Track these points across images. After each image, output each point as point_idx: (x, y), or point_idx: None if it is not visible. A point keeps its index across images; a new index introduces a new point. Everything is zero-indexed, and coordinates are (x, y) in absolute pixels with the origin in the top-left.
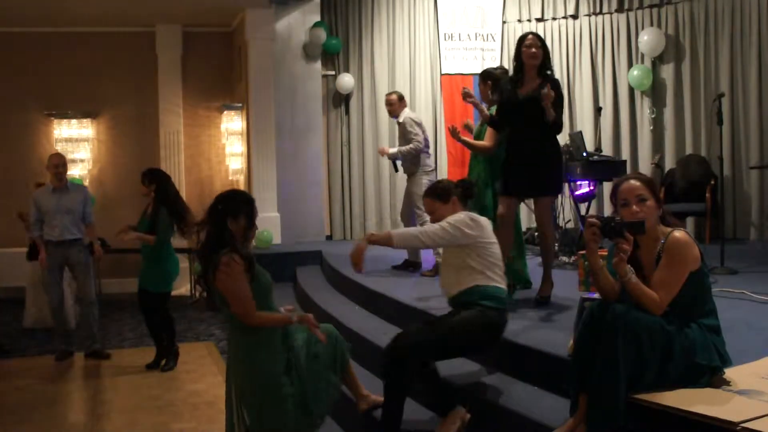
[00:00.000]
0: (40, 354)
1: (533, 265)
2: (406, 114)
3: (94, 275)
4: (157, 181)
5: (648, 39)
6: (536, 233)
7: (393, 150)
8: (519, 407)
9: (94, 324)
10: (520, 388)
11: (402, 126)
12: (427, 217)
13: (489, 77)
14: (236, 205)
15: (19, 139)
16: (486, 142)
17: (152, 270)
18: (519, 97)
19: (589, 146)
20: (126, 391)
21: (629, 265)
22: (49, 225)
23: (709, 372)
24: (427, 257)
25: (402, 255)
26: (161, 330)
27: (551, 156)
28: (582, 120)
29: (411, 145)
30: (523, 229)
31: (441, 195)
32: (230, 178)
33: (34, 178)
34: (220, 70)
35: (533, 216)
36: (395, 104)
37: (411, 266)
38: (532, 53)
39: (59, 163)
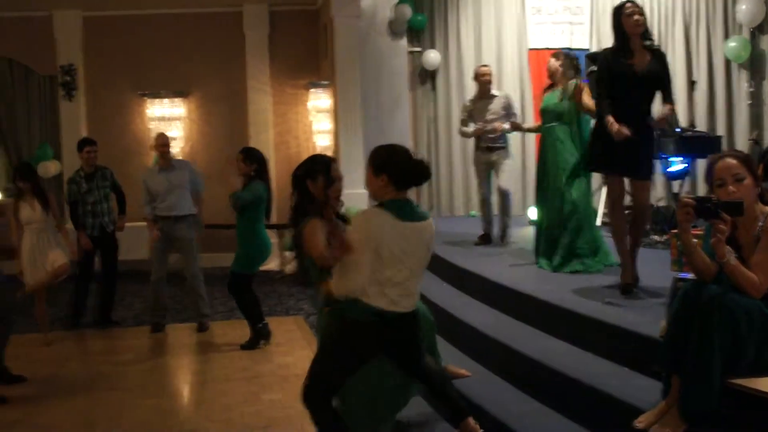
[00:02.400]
0: (137, 325)
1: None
2: (500, 91)
3: (198, 250)
4: (257, 161)
5: (746, 8)
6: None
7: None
8: (608, 387)
9: (200, 297)
10: (610, 368)
11: (504, 100)
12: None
13: (561, 55)
14: (313, 167)
15: (114, 118)
16: (592, 105)
17: (238, 250)
18: (636, 72)
19: (683, 121)
20: (217, 362)
21: (728, 246)
22: (160, 202)
23: None
24: None
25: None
26: (242, 311)
27: (652, 136)
28: (675, 94)
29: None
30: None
31: (374, 164)
32: None
33: (129, 156)
34: (307, 48)
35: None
36: (492, 77)
37: (488, 240)
38: (635, 21)
39: (164, 142)
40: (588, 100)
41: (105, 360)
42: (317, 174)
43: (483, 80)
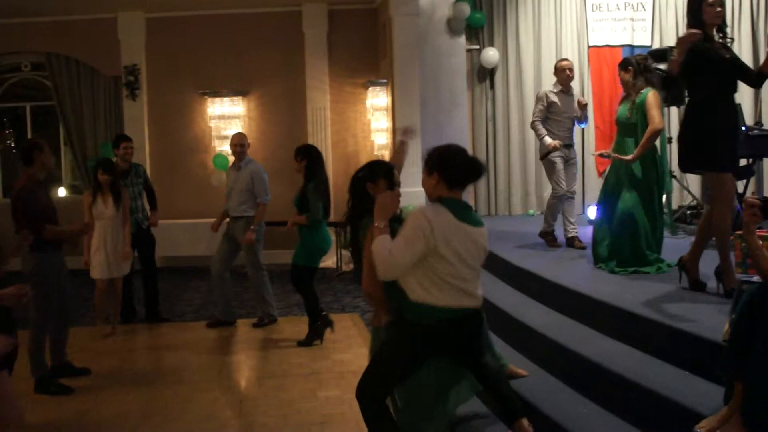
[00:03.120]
0: (195, 320)
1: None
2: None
3: (259, 249)
4: (308, 158)
5: None
6: (688, 211)
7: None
8: (669, 391)
9: (258, 297)
10: (671, 372)
11: (574, 97)
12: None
13: (629, 65)
14: (375, 171)
15: (175, 117)
16: (657, 124)
17: (301, 244)
18: (725, 57)
19: (748, 119)
20: (275, 358)
21: None
22: (227, 199)
23: None
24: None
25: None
26: (306, 305)
27: None
28: (740, 91)
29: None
30: (674, 207)
31: (427, 163)
32: (375, 153)
33: (190, 154)
34: (365, 47)
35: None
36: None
37: (545, 236)
38: (717, 13)
39: (237, 142)
40: (657, 114)
41: (165, 354)
42: (378, 177)
43: (566, 75)
